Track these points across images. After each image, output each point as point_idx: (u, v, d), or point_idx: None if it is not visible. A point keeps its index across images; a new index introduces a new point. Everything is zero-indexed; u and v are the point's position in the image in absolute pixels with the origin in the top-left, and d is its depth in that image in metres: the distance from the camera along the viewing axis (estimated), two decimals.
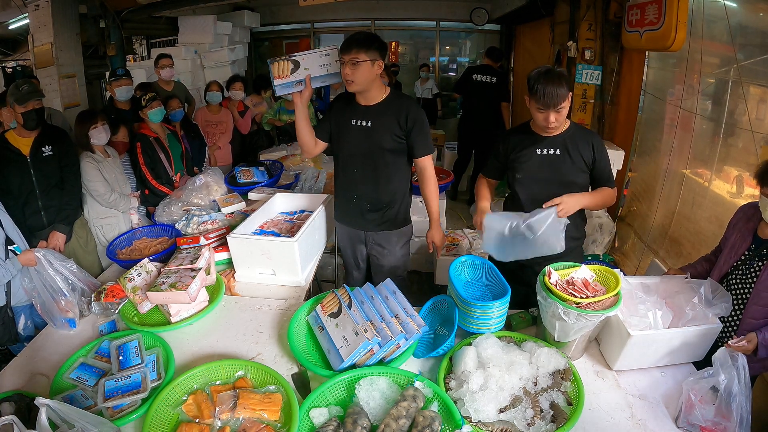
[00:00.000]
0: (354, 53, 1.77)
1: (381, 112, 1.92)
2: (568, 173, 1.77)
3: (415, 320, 1.42)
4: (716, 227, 2.44)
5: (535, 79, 1.64)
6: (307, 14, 6.79)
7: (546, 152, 1.79)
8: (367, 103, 1.94)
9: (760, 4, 2.36)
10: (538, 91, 1.62)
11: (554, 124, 1.68)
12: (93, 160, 2.47)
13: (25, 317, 1.98)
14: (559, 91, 1.61)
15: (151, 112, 2.79)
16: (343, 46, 1.80)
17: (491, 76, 4.61)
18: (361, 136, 1.94)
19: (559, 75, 1.63)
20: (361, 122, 1.93)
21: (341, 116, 1.98)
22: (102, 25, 4.86)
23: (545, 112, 1.66)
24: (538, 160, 1.80)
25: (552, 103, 1.62)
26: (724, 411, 1.18)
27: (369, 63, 1.79)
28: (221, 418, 1.19)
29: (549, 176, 1.78)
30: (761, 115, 2.26)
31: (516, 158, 1.84)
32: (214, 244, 2.07)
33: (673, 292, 1.52)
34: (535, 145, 1.80)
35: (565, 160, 1.77)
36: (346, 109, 1.97)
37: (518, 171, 1.84)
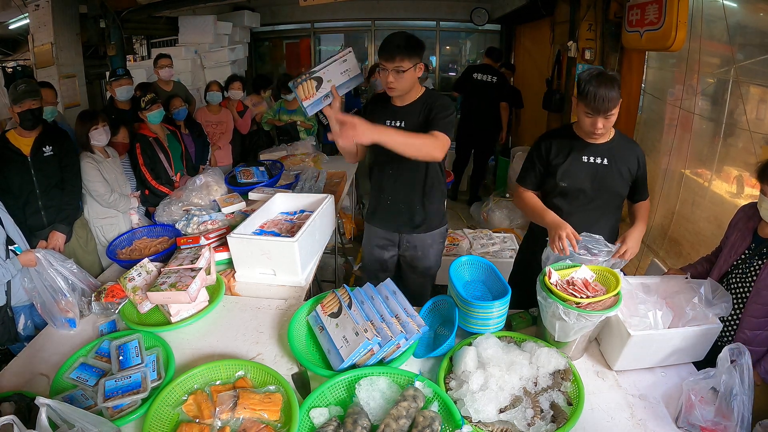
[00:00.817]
0: (398, 61, 1.72)
1: (412, 111, 1.88)
2: (614, 185, 1.71)
3: (415, 320, 1.42)
4: (715, 227, 2.44)
5: (587, 80, 1.54)
6: (307, 14, 6.79)
7: (593, 161, 1.70)
8: (402, 103, 1.90)
9: (760, 4, 2.36)
10: (589, 94, 1.52)
11: (601, 131, 1.60)
12: (93, 161, 2.47)
13: (25, 317, 1.98)
14: (611, 95, 1.51)
15: (150, 114, 2.79)
16: (385, 53, 1.73)
17: (492, 76, 4.61)
18: None
19: (612, 78, 1.53)
20: (394, 122, 1.89)
21: (376, 118, 1.89)
22: (102, 25, 4.86)
23: (593, 117, 1.57)
24: (584, 168, 1.71)
25: (603, 107, 1.53)
26: (725, 411, 1.18)
27: (412, 69, 1.75)
28: (221, 418, 1.19)
29: (595, 187, 1.72)
30: (761, 115, 2.26)
31: (560, 164, 1.74)
32: (214, 244, 2.07)
33: (673, 292, 1.52)
34: (581, 152, 1.71)
35: (612, 170, 1.69)
36: (381, 110, 1.94)
37: (562, 179, 1.74)
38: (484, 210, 4.45)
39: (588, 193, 1.73)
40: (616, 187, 1.73)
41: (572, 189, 1.74)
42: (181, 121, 3.31)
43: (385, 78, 1.77)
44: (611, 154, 1.70)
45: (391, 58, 1.72)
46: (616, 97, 1.52)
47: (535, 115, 5.02)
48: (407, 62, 1.72)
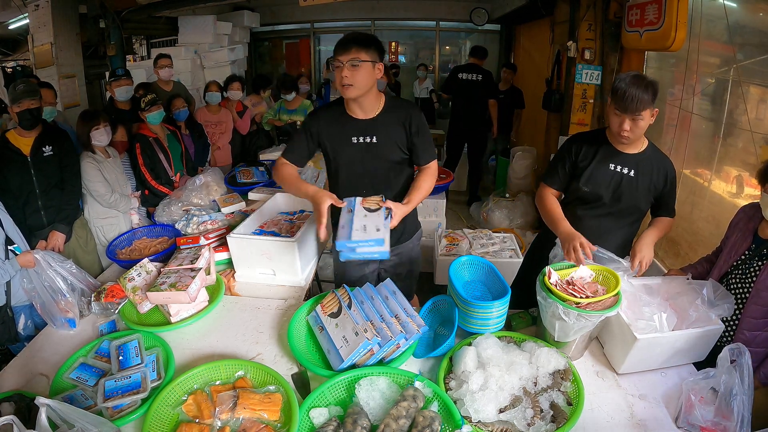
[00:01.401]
0: (354, 53, 1.57)
1: (384, 123, 1.72)
2: (635, 197, 1.67)
3: (415, 320, 1.42)
4: (715, 227, 2.44)
5: (621, 79, 1.52)
6: (307, 14, 6.79)
7: (620, 170, 1.66)
8: (366, 115, 1.71)
9: (760, 4, 2.36)
10: (619, 92, 1.50)
11: (627, 134, 1.55)
12: (94, 161, 2.47)
13: (25, 317, 1.98)
14: (643, 96, 1.47)
15: (150, 115, 2.79)
16: (339, 47, 1.60)
17: (477, 74, 4.65)
18: (366, 153, 1.72)
19: (649, 83, 1.50)
20: (364, 138, 1.71)
21: (335, 134, 1.73)
22: (102, 25, 4.86)
23: (621, 116, 1.53)
24: (609, 175, 1.67)
25: (631, 107, 1.49)
26: (724, 411, 1.18)
27: (370, 64, 1.61)
28: (221, 418, 1.19)
29: (616, 196, 1.68)
30: (761, 115, 2.26)
31: (585, 167, 1.70)
32: (214, 244, 2.07)
33: (675, 293, 1.51)
34: (610, 159, 1.67)
35: (637, 182, 1.65)
36: (340, 125, 1.72)
37: (587, 184, 1.70)
38: (484, 210, 4.45)
39: (606, 201, 1.69)
40: (636, 200, 1.68)
41: (592, 195, 1.71)
42: (181, 121, 3.31)
43: (340, 75, 1.60)
44: (639, 165, 1.65)
45: (346, 50, 1.58)
46: (647, 99, 1.48)
47: (535, 115, 5.02)
48: (364, 54, 1.58)
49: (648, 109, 1.51)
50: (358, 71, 1.59)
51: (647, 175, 1.66)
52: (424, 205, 3.53)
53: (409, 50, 7.65)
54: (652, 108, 1.52)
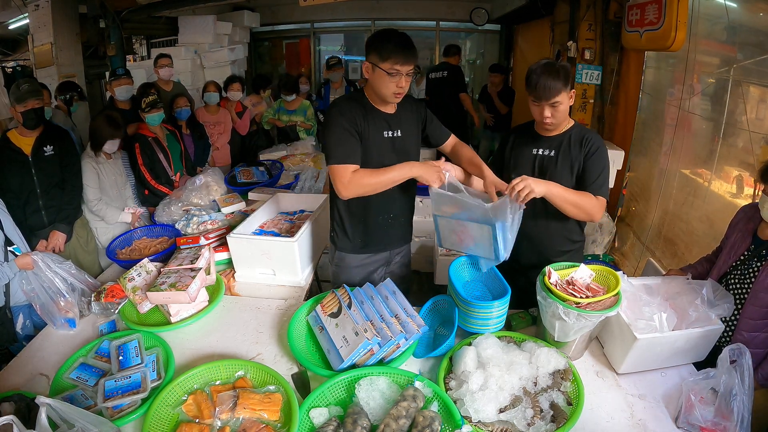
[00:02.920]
0: (413, 62, 1.57)
1: (405, 118, 1.76)
2: (554, 175, 1.67)
3: (415, 320, 1.42)
4: (715, 227, 2.44)
5: (533, 70, 1.58)
6: (307, 14, 6.79)
7: (541, 152, 1.73)
8: (391, 110, 1.73)
9: (760, 4, 2.36)
10: (533, 83, 1.57)
11: (549, 120, 1.61)
12: (94, 162, 2.46)
13: (24, 317, 1.98)
14: (554, 84, 1.54)
15: (149, 116, 2.79)
16: (402, 56, 1.54)
17: (443, 71, 4.72)
18: (393, 147, 1.73)
19: (558, 68, 1.56)
20: (392, 132, 1.72)
21: (372, 128, 1.69)
22: (102, 25, 4.86)
23: (539, 105, 1.60)
24: (531, 160, 1.74)
25: (545, 95, 1.55)
26: (724, 411, 1.18)
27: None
28: (221, 418, 1.19)
29: (538, 177, 1.66)
30: (761, 115, 2.26)
31: (512, 156, 1.79)
32: (214, 244, 2.07)
33: (675, 293, 1.51)
34: (533, 144, 1.74)
35: (557, 161, 1.69)
36: (373, 119, 1.69)
37: (512, 171, 1.77)
38: None
39: None
40: (559, 179, 1.65)
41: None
42: (182, 121, 3.31)
43: (396, 85, 1.58)
44: (560, 146, 1.69)
45: (408, 61, 1.55)
46: (559, 85, 1.54)
47: None
48: (415, 64, 1.59)
49: (563, 93, 1.57)
50: (410, 80, 1.62)
51: (567, 151, 1.68)
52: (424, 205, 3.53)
53: None
54: (567, 91, 1.58)
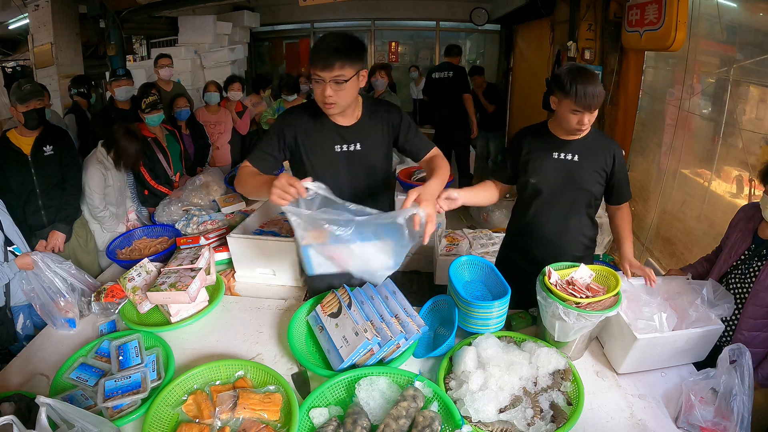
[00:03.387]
0: (338, 69, 1.36)
1: (368, 129, 1.58)
2: (582, 180, 1.68)
3: (415, 320, 1.42)
4: (715, 227, 2.45)
5: (569, 77, 1.52)
6: (307, 14, 6.79)
7: (563, 157, 1.68)
8: (349, 122, 1.56)
9: (760, 3, 2.36)
10: (578, 92, 1.50)
11: (586, 127, 1.59)
12: (103, 168, 2.45)
13: (24, 316, 1.98)
14: (598, 91, 1.51)
15: (149, 117, 2.79)
16: (320, 60, 1.35)
17: (448, 71, 4.70)
18: (348, 161, 1.59)
19: (593, 73, 1.54)
20: (347, 146, 1.56)
21: (316, 141, 1.55)
22: (102, 25, 4.87)
23: (581, 114, 1.55)
24: (554, 165, 1.69)
25: (594, 104, 1.51)
26: (724, 411, 1.18)
27: (355, 77, 1.41)
28: (221, 418, 1.19)
29: (563, 183, 1.69)
30: (761, 115, 2.27)
31: (530, 161, 1.73)
32: (214, 244, 2.07)
33: (675, 293, 1.51)
34: (553, 149, 1.69)
35: (582, 166, 1.67)
36: (321, 131, 1.55)
37: (532, 175, 1.72)
38: (484, 210, 4.44)
39: (558, 190, 1.71)
40: (586, 183, 1.68)
41: (542, 186, 1.72)
42: (182, 121, 3.31)
43: (321, 93, 1.40)
44: (583, 151, 1.67)
45: (329, 66, 1.35)
46: (602, 91, 1.53)
47: (535, 114, 5.02)
48: (349, 69, 1.37)
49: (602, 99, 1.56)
50: (343, 89, 1.40)
51: (592, 156, 1.67)
52: None
53: (408, 50, 7.65)
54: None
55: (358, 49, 1.41)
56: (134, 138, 2.45)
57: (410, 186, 3.44)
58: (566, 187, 1.70)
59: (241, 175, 1.52)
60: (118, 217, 2.59)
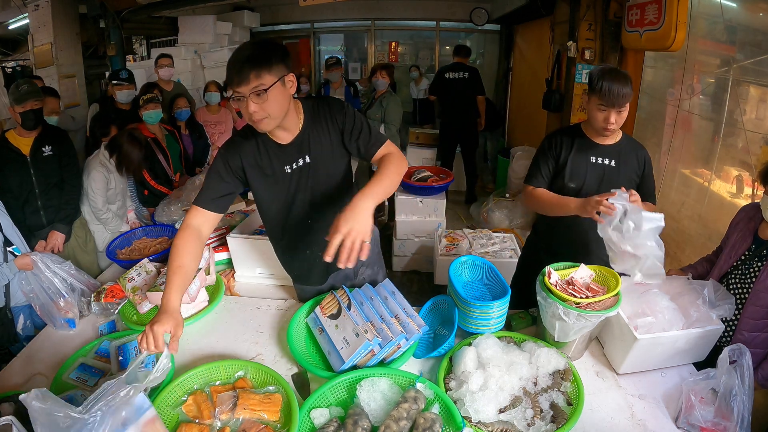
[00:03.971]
0: (254, 79, 1.22)
1: (313, 135, 1.44)
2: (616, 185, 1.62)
3: (415, 320, 1.42)
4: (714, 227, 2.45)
5: (599, 76, 1.57)
6: (307, 14, 6.79)
7: (600, 161, 1.69)
8: (292, 134, 1.42)
9: (760, 3, 2.36)
10: (603, 88, 1.55)
11: (613, 126, 1.61)
12: (105, 170, 2.45)
13: (24, 317, 1.98)
14: (625, 90, 1.55)
15: (146, 113, 2.78)
16: (233, 75, 1.23)
17: (464, 72, 4.72)
18: (302, 178, 1.46)
19: (625, 75, 1.58)
20: (297, 163, 1.44)
21: (265, 167, 1.43)
22: (102, 25, 4.86)
23: (607, 111, 1.59)
24: (592, 169, 1.70)
25: (617, 101, 1.55)
26: (724, 411, 1.18)
27: (279, 83, 1.27)
28: (221, 419, 1.19)
29: (599, 188, 1.68)
30: (761, 115, 2.27)
31: (567, 164, 1.72)
32: (214, 244, 2.07)
33: (676, 293, 1.51)
34: (590, 152, 1.70)
35: (619, 171, 1.68)
36: (267, 156, 1.43)
37: (571, 180, 1.71)
38: (484, 210, 4.45)
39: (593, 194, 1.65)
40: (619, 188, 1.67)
41: (578, 190, 1.72)
42: (182, 121, 3.31)
43: (246, 111, 1.26)
44: (618, 155, 1.69)
45: (242, 79, 1.22)
46: (629, 91, 1.55)
47: (535, 114, 5.03)
48: (267, 76, 1.23)
49: (629, 100, 1.59)
50: (268, 99, 1.25)
51: (628, 162, 1.70)
52: (424, 205, 3.53)
53: (408, 50, 7.65)
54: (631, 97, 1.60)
55: (276, 54, 1.26)
56: (138, 144, 2.44)
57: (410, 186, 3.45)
58: (603, 191, 1.65)
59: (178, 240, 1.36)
60: (120, 217, 2.60)
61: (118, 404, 0.96)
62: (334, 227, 1.18)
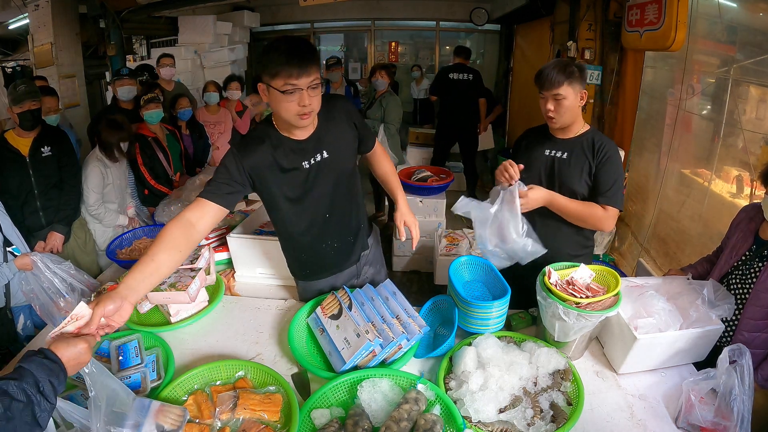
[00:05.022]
0: (313, 73, 1.27)
1: (331, 132, 1.48)
2: (568, 179, 1.66)
3: (416, 321, 1.42)
4: (715, 227, 2.45)
5: (545, 65, 1.60)
6: (307, 14, 6.79)
7: (552, 154, 1.70)
8: (308, 132, 1.44)
9: (760, 3, 2.36)
10: (539, 74, 1.59)
11: (552, 114, 1.61)
12: (102, 166, 2.45)
13: (24, 317, 1.98)
14: (557, 77, 1.54)
15: (147, 113, 2.78)
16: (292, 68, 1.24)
17: (467, 74, 4.72)
18: (318, 173, 1.48)
19: (567, 63, 1.57)
20: (315, 158, 1.46)
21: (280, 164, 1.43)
22: (102, 25, 4.86)
23: (544, 97, 1.61)
24: (543, 161, 1.72)
25: (546, 84, 1.57)
26: (724, 411, 1.18)
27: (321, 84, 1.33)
28: (221, 419, 1.19)
29: (550, 180, 1.71)
30: (761, 115, 2.26)
31: (525, 156, 1.75)
32: (214, 244, 2.07)
33: (675, 293, 1.51)
34: (546, 145, 1.72)
35: (570, 164, 1.66)
36: (284, 154, 1.43)
37: (525, 171, 1.72)
38: None
39: (542, 185, 1.69)
40: (570, 182, 1.66)
41: (530, 181, 1.71)
42: (183, 121, 3.32)
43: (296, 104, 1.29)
44: (573, 148, 1.66)
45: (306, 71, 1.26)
46: (561, 78, 1.54)
47: (535, 114, 5.01)
48: (316, 70, 1.29)
49: (567, 87, 1.56)
50: (317, 94, 1.32)
51: (581, 155, 1.65)
52: (424, 205, 3.54)
53: (409, 50, 7.65)
54: (574, 88, 1.57)
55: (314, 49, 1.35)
56: (116, 128, 2.43)
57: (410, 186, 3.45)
58: (552, 184, 1.70)
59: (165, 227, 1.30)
60: (119, 214, 2.60)
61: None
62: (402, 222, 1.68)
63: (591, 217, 1.63)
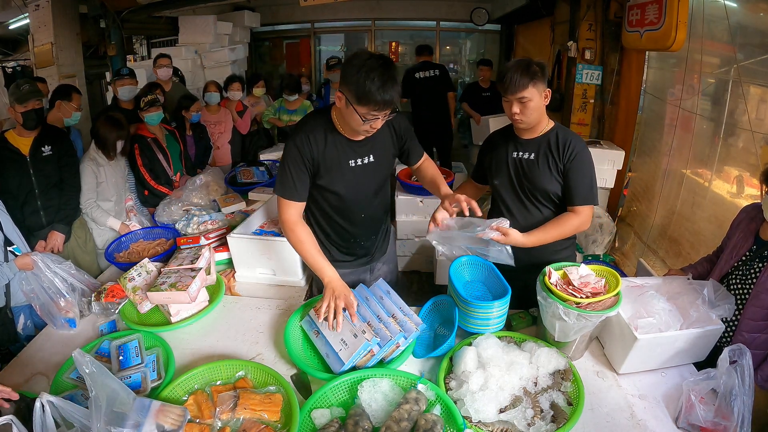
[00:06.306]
0: (394, 104, 1.40)
1: (379, 140, 1.58)
2: (538, 180, 1.64)
3: (412, 318, 1.42)
4: (715, 227, 2.45)
5: (505, 67, 1.57)
6: (307, 14, 6.79)
7: (519, 155, 1.67)
8: (360, 137, 1.54)
9: (761, 3, 2.36)
10: (502, 77, 1.56)
11: (519, 116, 1.58)
12: (95, 164, 2.45)
13: (25, 317, 1.98)
14: (521, 80, 1.50)
15: (148, 115, 2.78)
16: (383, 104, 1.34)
17: (434, 70, 4.71)
18: (361, 175, 1.59)
19: (528, 64, 1.53)
20: (361, 160, 1.57)
21: (333, 158, 1.53)
22: (102, 25, 4.86)
23: (508, 101, 1.57)
24: (511, 164, 1.69)
25: (510, 88, 1.53)
26: (725, 411, 1.18)
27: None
28: (221, 419, 1.19)
29: (520, 183, 1.68)
30: (761, 115, 2.26)
31: (492, 161, 1.74)
32: (214, 244, 2.07)
33: (675, 293, 1.51)
34: (511, 147, 1.70)
35: (537, 164, 1.64)
36: (335, 148, 1.53)
37: (494, 176, 1.74)
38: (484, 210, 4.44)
39: (517, 189, 1.70)
40: (541, 182, 1.64)
41: (502, 186, 1.72)
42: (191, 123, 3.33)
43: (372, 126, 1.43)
44: (539, 148, 1.64)
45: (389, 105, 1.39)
46: (525, 81, 1.51)
47: None
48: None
49: (532, 89, 1.53)
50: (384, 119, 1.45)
51: (549, 153, 1.63)
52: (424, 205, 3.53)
53: (409, 50, 7.64)
54: (538, 88, 1.54)
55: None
56: (114, 126, 2.43)
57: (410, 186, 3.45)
58: (524, 186, 1.69)
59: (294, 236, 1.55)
60: (117, 213, 2.58)
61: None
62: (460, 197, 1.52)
63: (569, 229, 1.63)
